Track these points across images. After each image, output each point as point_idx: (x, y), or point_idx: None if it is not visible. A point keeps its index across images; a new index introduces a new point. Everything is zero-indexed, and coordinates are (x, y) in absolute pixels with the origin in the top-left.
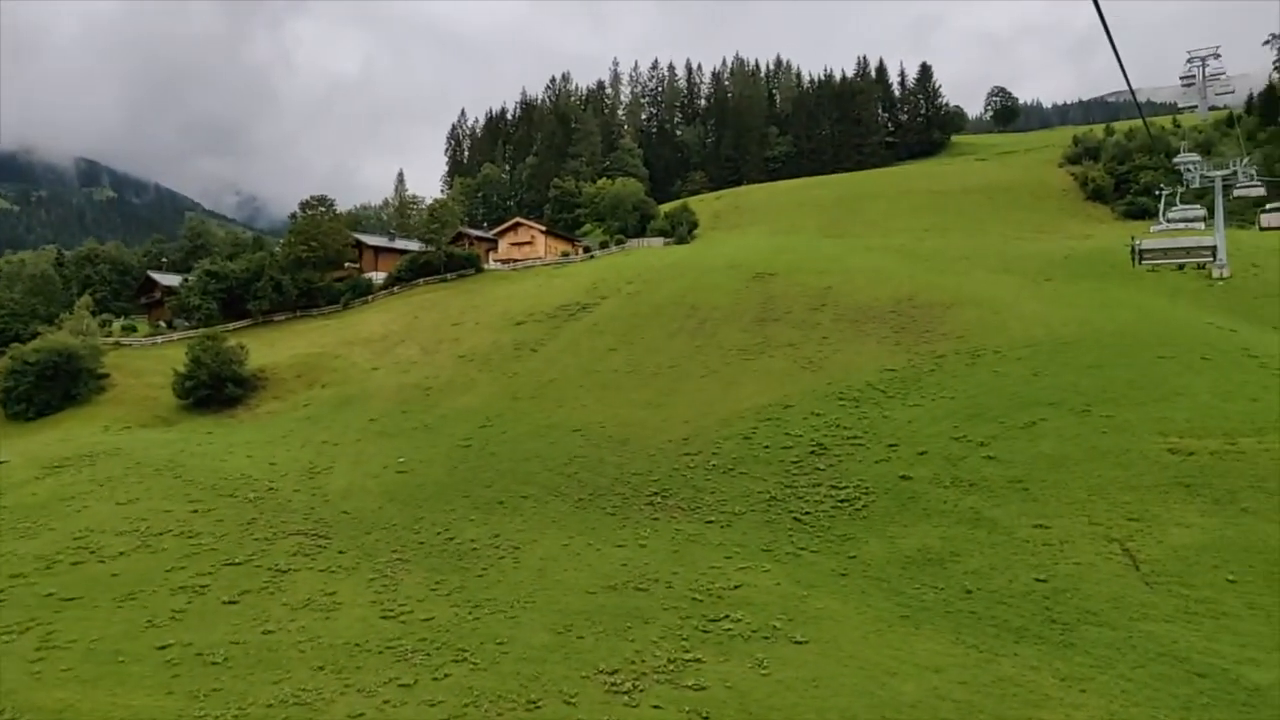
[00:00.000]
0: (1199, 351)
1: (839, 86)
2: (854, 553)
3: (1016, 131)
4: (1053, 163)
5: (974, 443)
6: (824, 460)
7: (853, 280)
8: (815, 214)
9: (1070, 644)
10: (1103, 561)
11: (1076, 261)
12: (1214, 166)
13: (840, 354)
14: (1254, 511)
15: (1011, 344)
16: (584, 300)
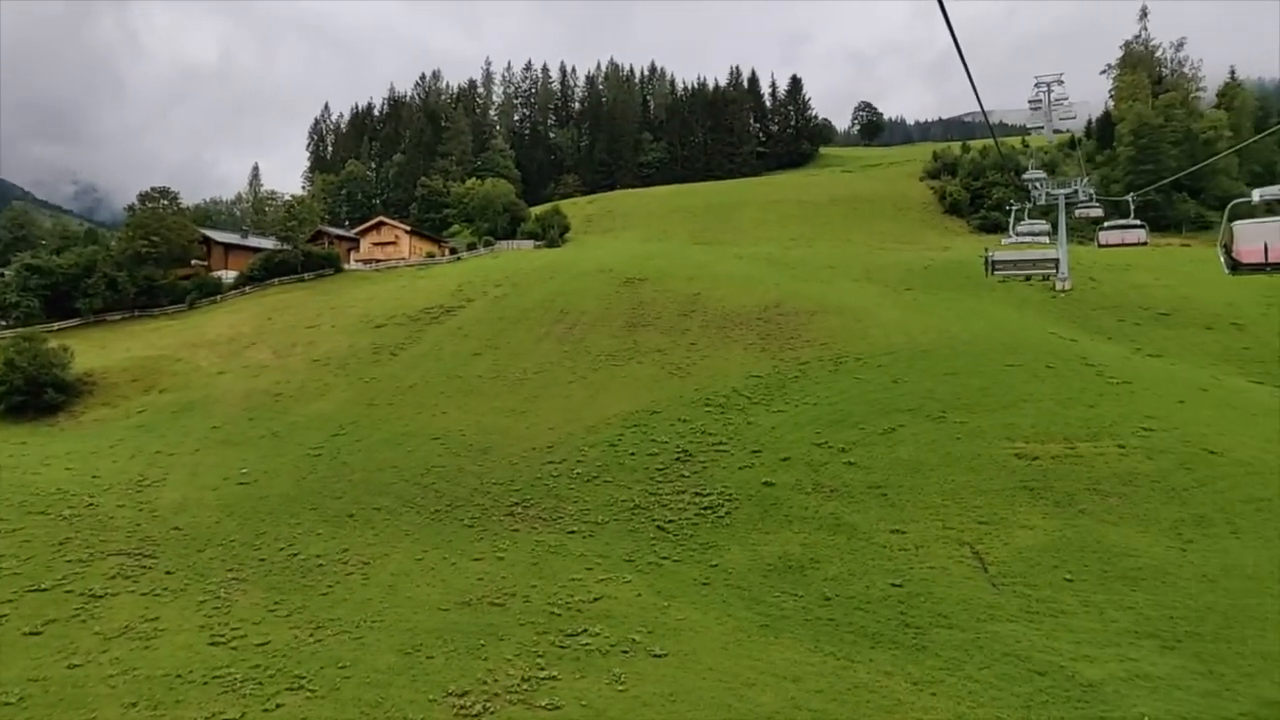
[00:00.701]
0: (1043, 360)
1: (712, 95)
2: (716, 561)
3: (881, 146)
4: (914, 177)
5: (835, 449)
6: (689, 467)
7: (722, 287)
8: (687, 220)
9: (922, 647)
10: (954, 565)
11: (935, 272)
12: (1057, 185)
13: (708, 360)
14: (1090, 513)
15: (873, 351)
16: (449, 303)
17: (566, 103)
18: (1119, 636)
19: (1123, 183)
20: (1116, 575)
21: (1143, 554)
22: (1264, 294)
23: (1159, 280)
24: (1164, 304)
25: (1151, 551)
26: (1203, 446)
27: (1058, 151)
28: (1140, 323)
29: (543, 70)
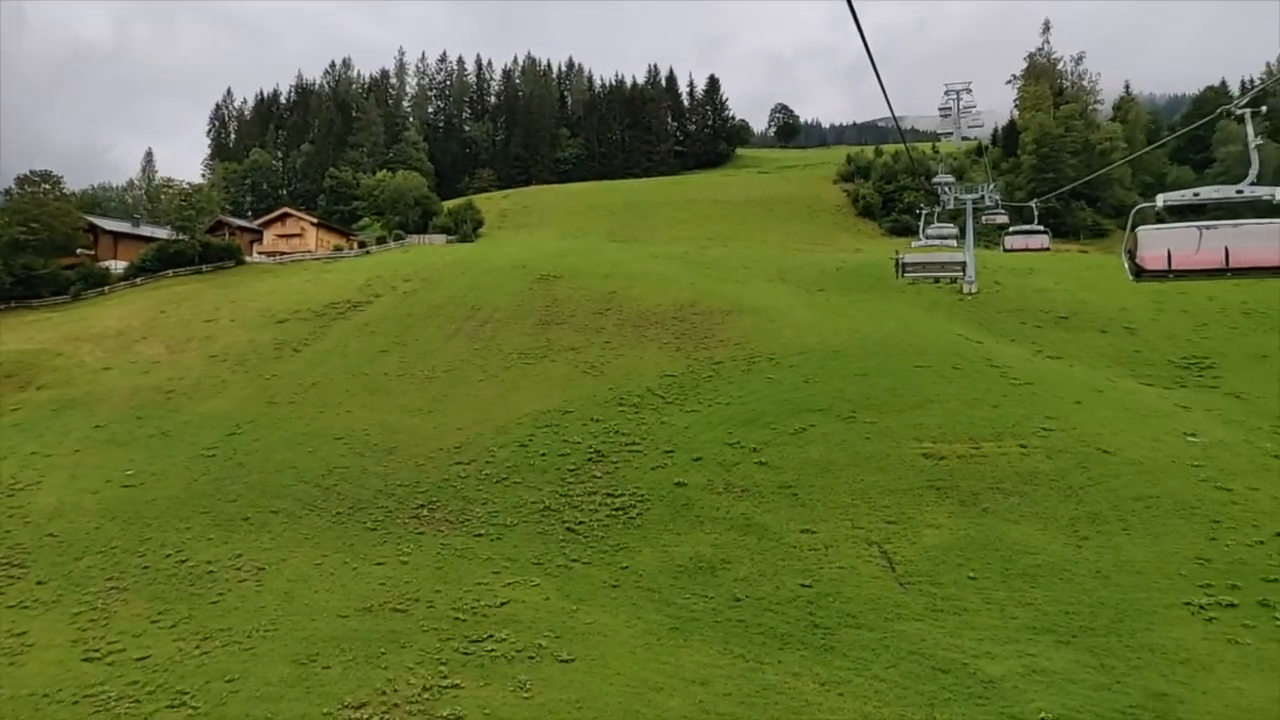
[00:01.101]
0: (950, 361)
1: (630, 93)
2: (626, 563)
3: (797, 148)
4: (828, 179)
5: (747, 448)
6: (601, 468)
7: (637, 285)
8: (604, 218)
9: (830, 648)
10: (863, 564)
11: (847, 273)
12: (965, 191)
13: (622, 359)
14: (993, 511)
15: (786, 351)
16: (356, 298)
17: (482, 96)
18: (1018, 633)
19: (1026, 189)
20: (1017, 572)
21: (1042, 551)
22: (1154, 300)
23: (1059, 285)
24: (1063, 307)
25: (1050, 549)
26: (1098, 446)
27: (966, 158)
28: (1041, 325)
29: (458, 62)
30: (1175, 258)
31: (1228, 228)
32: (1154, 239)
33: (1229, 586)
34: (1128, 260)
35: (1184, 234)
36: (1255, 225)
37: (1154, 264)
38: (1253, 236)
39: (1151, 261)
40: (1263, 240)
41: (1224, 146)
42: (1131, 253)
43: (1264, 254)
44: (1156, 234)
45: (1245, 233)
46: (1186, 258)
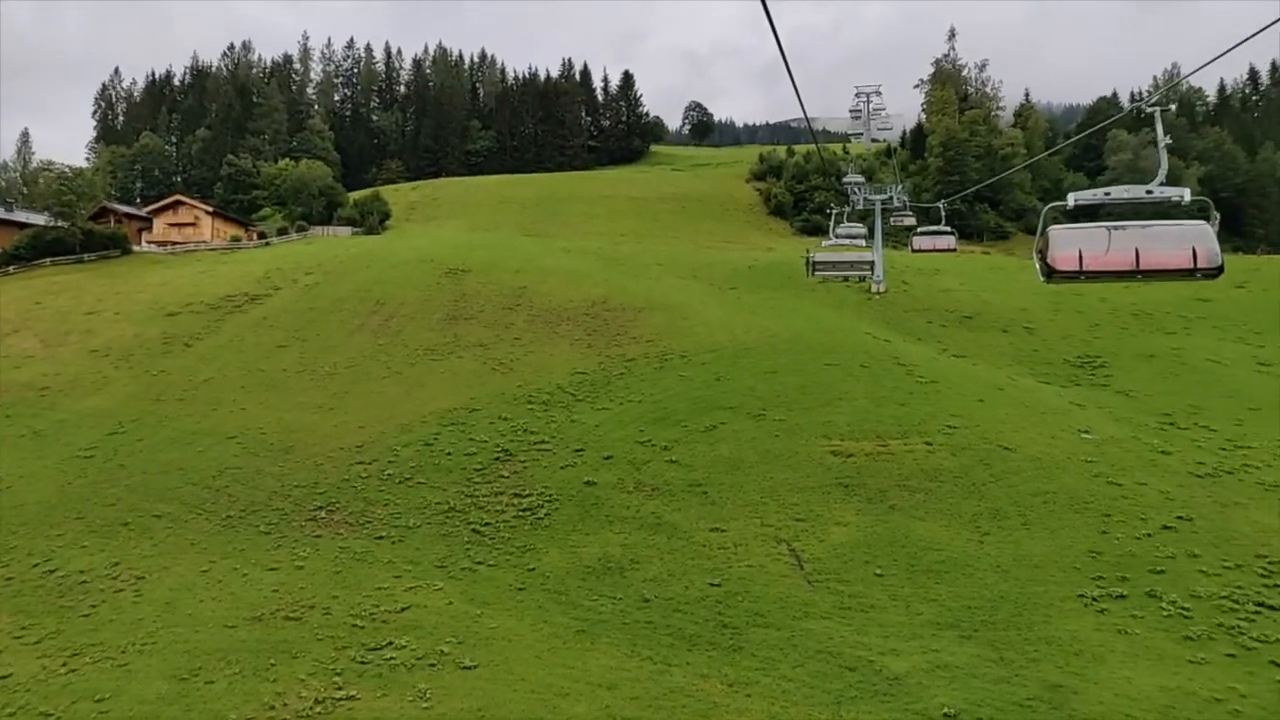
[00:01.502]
0: (859, 359)
1: (544, 86)
2: (534, 565)
3: (711, 146)
4: (741, 178)
5: (658, 446)
6: (508, 467)
7: (549, 281)
8: (515, 212)
9: (739, 648)
10: (771, 562)
11: (759, 272)
12: (874, 191)
13: (532, 355)
14: (899, 509)
15: (697, 349)
16: (254, 291)
17: (391, 85)
18: (923, 629)
19: (932, 192)
20: (922, 569)
21: (946, 547)
22: (1052, 300)
23: (963, 285)
24: (967, 307)
25: (953, 545)
26: (999, 443)
27: (875, 159)
28: (946, 325)
29: (366, 50)
30: (1086, 258)
31: (1137, 229)
32: (1065, 239)
33: (1119, 578)
34: (1039, 261)
35: (1094, 234)
36: (1164, 227)
37: (1065, 265)
38: (1161, 238)
39: (1063, 262)
40: (1171, 242)
41: (1115, 155)
42: (1043, 253)
43: (1173, 256)
44: (1068, 234)
45: (1154, 234)
46: (1097, 259)
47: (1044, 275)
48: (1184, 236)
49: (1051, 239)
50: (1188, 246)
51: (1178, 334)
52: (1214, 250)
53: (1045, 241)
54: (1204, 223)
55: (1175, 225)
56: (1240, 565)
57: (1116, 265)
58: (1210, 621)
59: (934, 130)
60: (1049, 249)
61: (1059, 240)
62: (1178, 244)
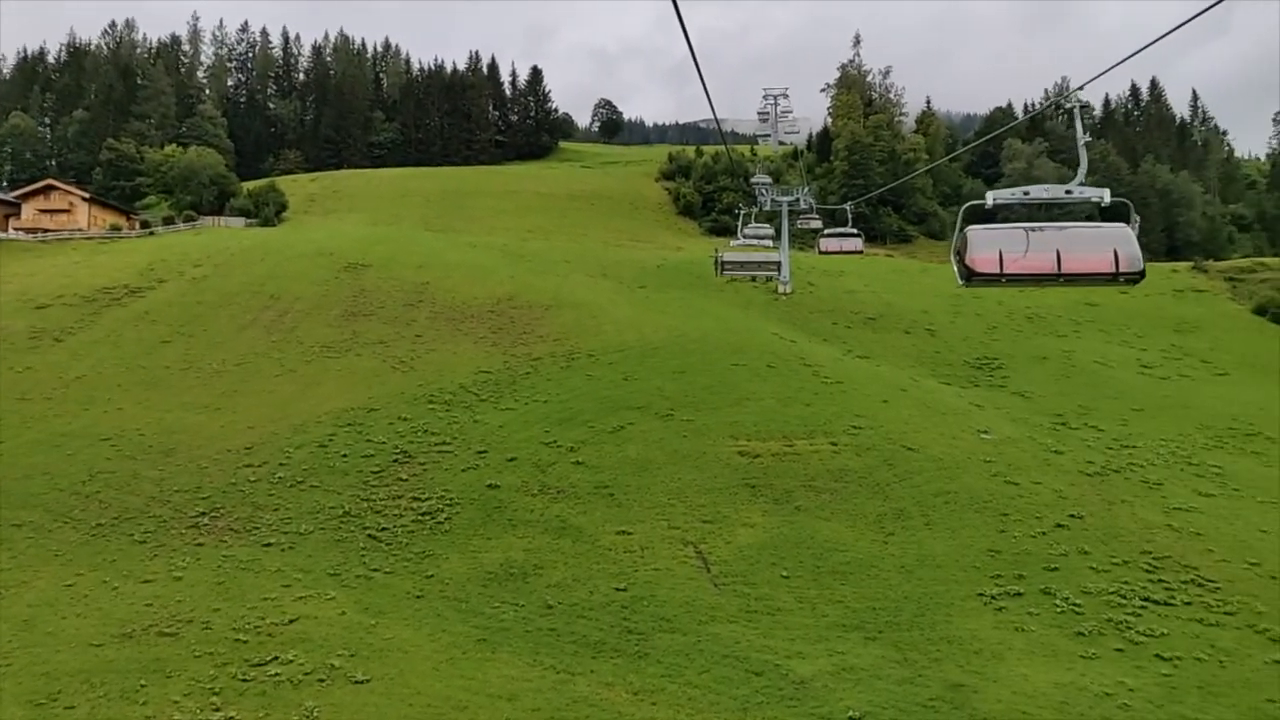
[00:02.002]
0: (766, 360)
1: (450, 79)
2: (432, 571)
3: (621, 145)
4: (650, 177)
5: (564, 448)
6: (407, 469)
7: (453, 277)
8: (419, 205)
9: (644, 654)
10: (678, 565)
11: (667, 271)
12: (781, 193)
13: (434, 354)
14: (805, 509)
15: (605, 348)
16: (135, 283)
17: (289, 72)
18: (829, 631)
19: (838, 194)
20: (828, 570)
21: (851, 548)
22: (952, 303)
23: (867, 287)
24: (871, 309)
25: (858, 545)
26: (903, 444)
27: (783, 161)
28: (851, 326)
29: (261, 34)
30: (1007, 261)
31: (1055, 231)
32: (984, 240)
33: (1016, 576)
34: (957, 263)
35: (1013, 236)
36: (1084, 229)
37: (985, 267)
38: (1082, 241)
39: (983, 265)
40: (1092, 245)
41: (1010, 163)
42: (961, 254)
43: (1094, 260)
44: (987, 235)
45: (1074, 237)
46: (1018, 261)
47: (963, 278)
48: (1105, 239)
49: (970, 240)
50: (1109, 249)
51: (1068, 337)
52: (1135, 254)
53: (963, 242)
54: (1124, 225)
55: (1095, 227)
56: (1127, 561)
57: (1037, 268)
58: (1100, 617)
59: (840, 134)
60: (967, 250)
61: (978, 241)
62: (1099, 247)
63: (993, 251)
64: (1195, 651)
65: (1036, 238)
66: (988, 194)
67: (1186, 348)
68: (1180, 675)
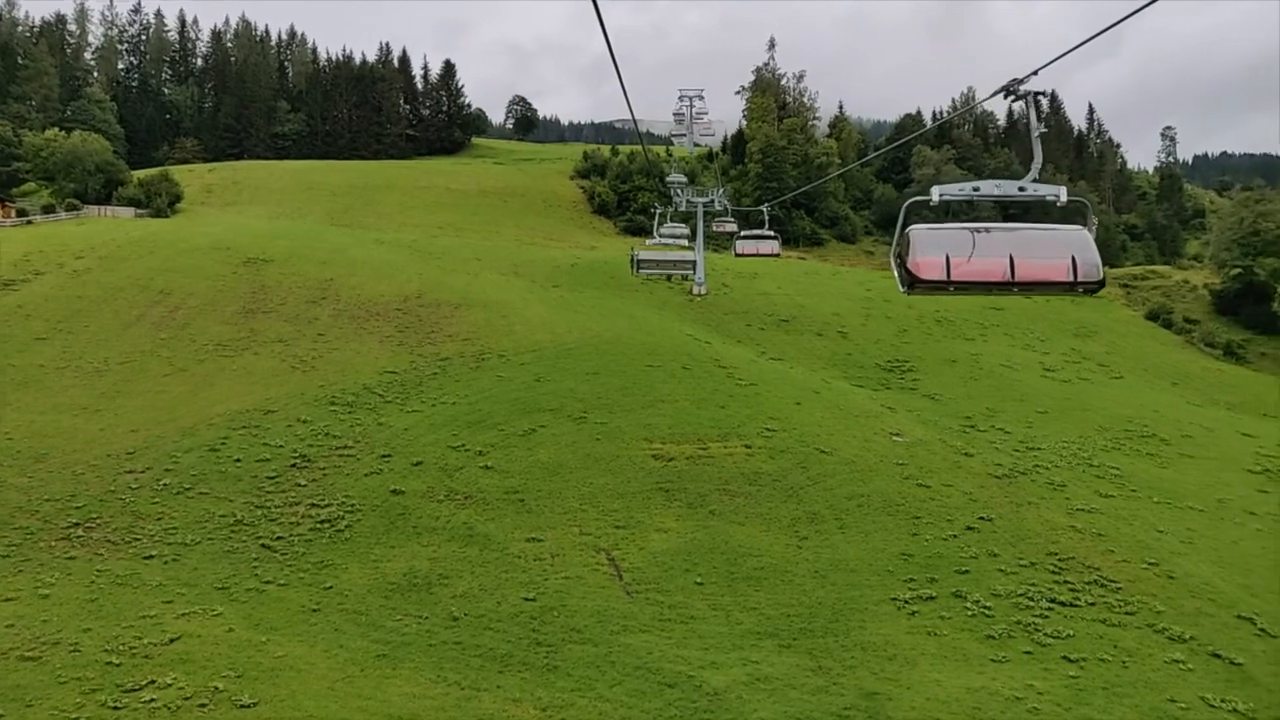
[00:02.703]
0: (680, 361)
1: (359, 70)
2: (330, 583)
3: (535, 142)
4: (565, 175)
5: (473, 451)
6: (306, 475)
7: (359, 273)
8: (325, 199)
9: (554, 667)
10: (590, 573)
11: (581, 270)
12: (696, 194)
13: (338, 353)
14: (719, 514)
15: (517, 348)
16: (8, 275)
17: (186, 57)
18: (743, 639)
19: (752, 197)
20: (742, 576)
21: (765, 553)
22: (863, 306)
23: (781, 289)
24: (785, 311)
25: (773, 550)
26: (816, 446)
27: (698, 163)
28: (765, 328)
29: (156, 16)
30: (955, 266)
31: (1005, 232)
32: (929, 242)
33: (928, 580)
34: (898, 268)
35: (960, 237)
36: (1038, 232)
37: (930, 272)
38: (1037, 245)
39: (927, 270)
40: (1048, 250)
41: (920, 169)
42: (902, 258)
43: (1051, 267)
44: (932, 236)
45: (1028, 240)
46: (966, 266)
47: (904, 285)
48: (1061, 243)
49: (913, 241)
50: (1066, 255)
51: (976, 340)
52: (1094, 260)
53: (905, 244)
54: (1082, 229)
55: (1050, 230)
56: (1034, 563)
57: (988, 274)
58: (1009, 620)
59: (754, 137)
60: (910, 253)
61: (921, 242)
62: (1055, 252)
63: (938, 255)
64: (1100, 652)
65: (986, 240)
66: (933, 189)
67: (1085, 351)
68: (1086, 677)
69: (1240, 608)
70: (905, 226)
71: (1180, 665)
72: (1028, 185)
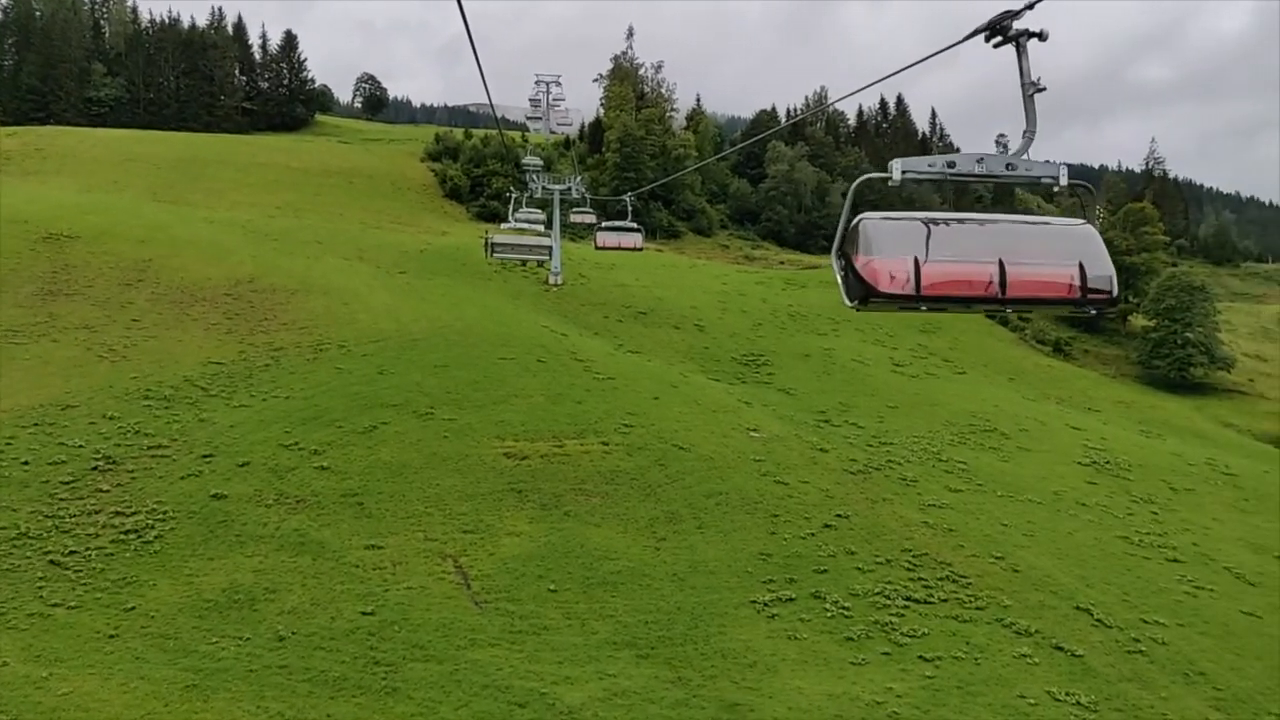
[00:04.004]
0: (535, 354)
1: (188, 35)
2: (134, 603)
3: (385, 123)
4: (415, 157)
5: (307, 451)
6: (110, 478)
7: (184, 254)
8: (147, 173)
9: (393, 689)
10: (435, 583)
11: (431, 256)
12: (553, 181)
13: (155, 342)
14: (575, 515)
15: (359, 338)
16: None
17: None
18: (599, 650)
19: (609, 187)
20: (598, 581)
21: (622, 555)
22: (720, 299)
23: (638, 280)
24: (642, 303)
25: (630, 552)
26: (674, 443)
27: (554, 150)
28: (623, 320)
29: None
30: (927, 274)
31: (987, 227)
32: (890, 239)
33: (787, 580)
34: (843, 273)
35: (924, 232)
36: (1031, 228)
37: (891, 281)
38: (1030, 245)
39: (888, 277)
40: (1046, 252)
41: (774, 165)
42: (849, 259)
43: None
44: (892, 230)
45: (1020, 237)
46: (942, 274)
47: (852, 298)
48: (1062, 243)
49: (867, 236)
50: (1071, 260)
51: (828, 335)
52: (1107, 268)
53: (856, 240)
54: (1085, 223)
55: (1045, 226)
56: (890, 560)
57: (969, 286)
58: (867, 620)
59: (612, 126)
60: (863, 252)
61: (879, 238)
62: (1055, 255)
63: (904, 258)
64: (953, 650)
65: (962, 236)
66: (894, 163)
67: (931, 347)
68: (941, 676)
69: (1078, 599)
70: (853, 218)
71: (1027, 660)
72: (1018, 162)
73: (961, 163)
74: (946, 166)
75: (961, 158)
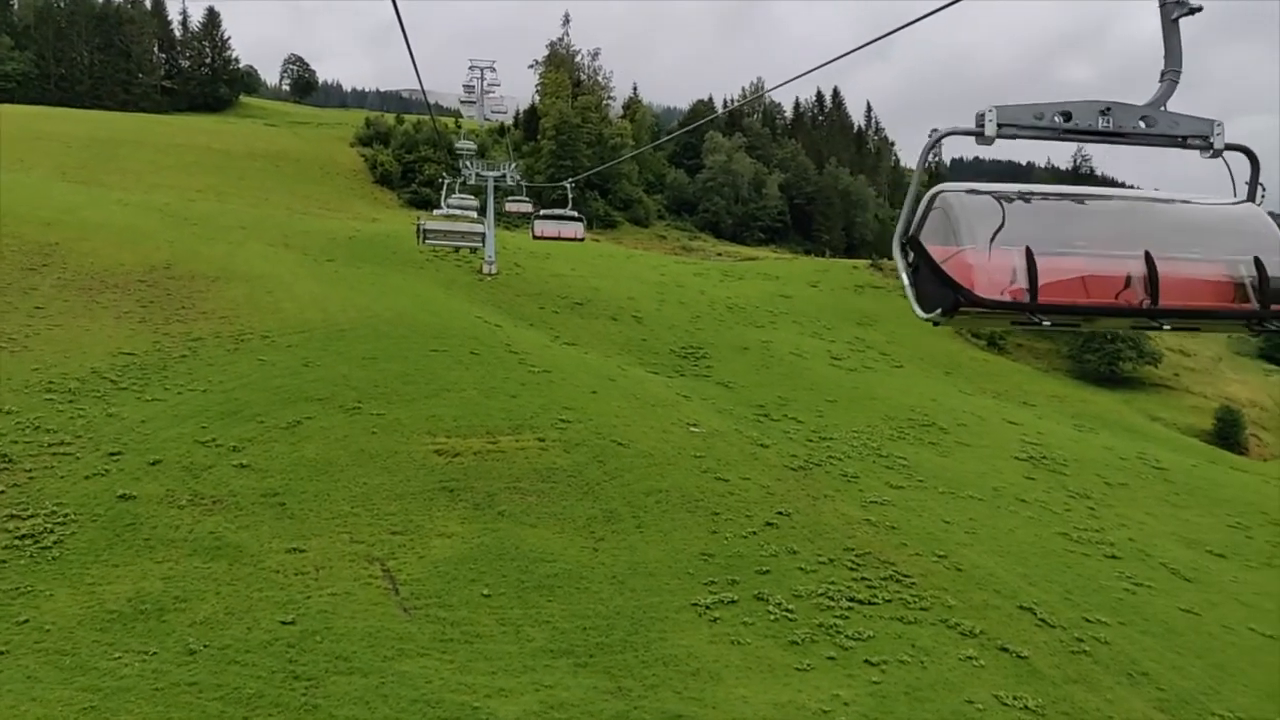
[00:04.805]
0: (468, 346)
1: (103, 9)
2: (27, 615)
3: (314, 106)
4: (345, 141)
5: (225, 448)
6: (5, 479)
7: (94, 238)
8: (57, 152)
9: (314, 706)
10: (361, 588)
11: (360, 244)
12: (487, 168)
13: (60, 330)
14: (509, 514)
15: (283, 328)
16: None
17: None
18: (535, 659)
19: (545, 174)
20: (533, 584)
21: (559, 557)
22: (658, 291)
23: (574, 271)
24: (579, 294)
25: (567, 554)
26: (612, 439)
27: (489, 137)
28: (559, 311)
29: None
30: (1044, 270)
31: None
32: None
33: (729, 582)
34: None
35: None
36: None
37: (992, 285)
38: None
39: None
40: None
41: (711, 155)
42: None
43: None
44: (988, 209)
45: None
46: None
47: (933, 309)
48: (1227, 233)
49: (955, 217)
50: (1243, 255)
51: (766, 328)
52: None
53: (936, 223)
54: (1252, 204)
55: (1200, 208)
56: (832, 560)
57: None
58: (811, 622)
59: (547, 113)
60: (948, 240)
61: (974, 221)
62: (1218, 249)
63: (1008, 248)
64: (899, 654)
65: (1090, 218)
66: (987, 113)
67: (868, 340)
68: (888, 681)
69: (1021, 598)
70: (930, 192)
71: (973, 662)
72: (1157, 115)
73: (1080, 114)
74: (1060, 118)
75: (1079, 106)
